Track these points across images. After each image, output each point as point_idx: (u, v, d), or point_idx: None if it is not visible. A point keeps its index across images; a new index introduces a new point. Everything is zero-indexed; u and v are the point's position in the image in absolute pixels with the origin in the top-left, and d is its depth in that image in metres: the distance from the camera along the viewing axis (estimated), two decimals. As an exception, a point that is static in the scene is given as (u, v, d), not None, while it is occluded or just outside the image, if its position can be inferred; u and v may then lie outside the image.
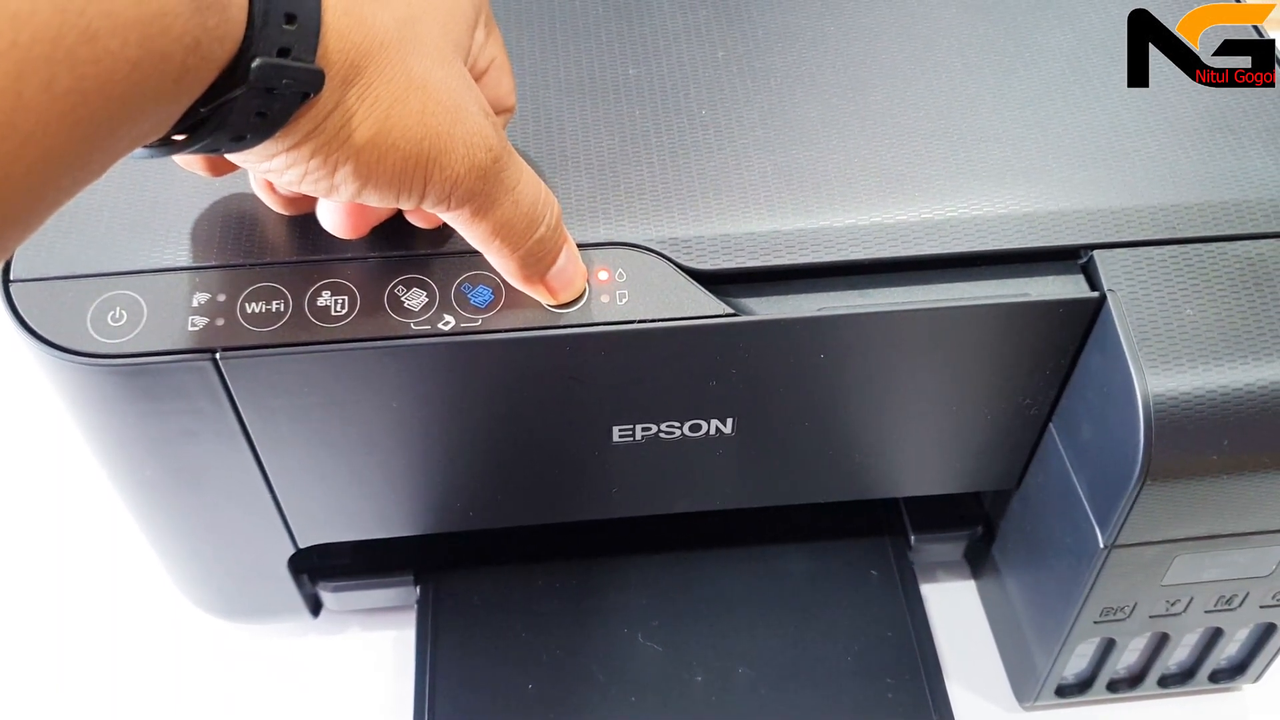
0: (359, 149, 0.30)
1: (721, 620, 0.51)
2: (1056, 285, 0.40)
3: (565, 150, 0.42)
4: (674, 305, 0.39)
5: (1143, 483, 0.39)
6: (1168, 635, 0.48)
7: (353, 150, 0.30)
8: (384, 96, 0.30)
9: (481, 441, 0.43)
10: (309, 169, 0.30)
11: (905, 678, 0.49)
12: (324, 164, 0.30)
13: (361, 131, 0.29)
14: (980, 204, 0.41)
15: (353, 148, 0.30)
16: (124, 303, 0.38)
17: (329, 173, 0.30)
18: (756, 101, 0.43)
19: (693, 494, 0.47)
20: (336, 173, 0.30)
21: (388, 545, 0.50)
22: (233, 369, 0.38)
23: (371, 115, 0.30)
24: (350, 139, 0.29)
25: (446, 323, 0.38)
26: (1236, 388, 0.38)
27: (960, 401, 0.44)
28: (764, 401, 0.42)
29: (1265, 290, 0.40)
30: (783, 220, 0.40)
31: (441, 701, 0.48)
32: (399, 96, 0.30)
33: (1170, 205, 0.41)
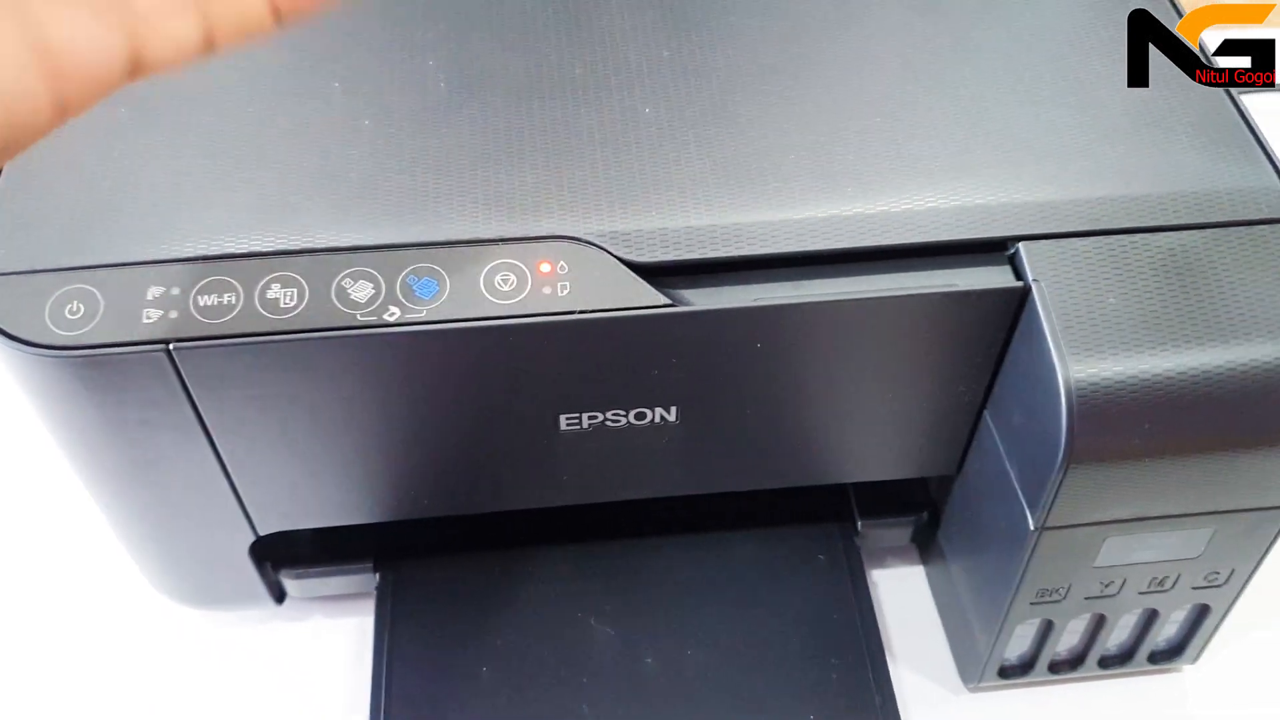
0: None
1: (672, 605, 0.52)
2: (984, 276, 0.41)
3: (511, 146, 0.43)
4: (614, 296, 0.40)
5: (1067, 466, 0.40)
6: (1105, 617, 0.49)
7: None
8: None
9: (432, 430, 0.44)
10: None
11: (849, 658, 0.50)
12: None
13: None
14: (911, 198, 0.42)
15: None
16: (81, 296, 0.39)
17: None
18: (698, 100, 0.45)
19: (641, 481, 0.48)
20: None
21: (348, 534, 0.51)
22: (186, 360, 0.39)
23: None
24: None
25: (392, 314, 0.39)
26: (1157, 374, 0.39)
27: (897, 389, 0.45)
28: (705, 390, 0.44)
29: (1186, 280, 0.41)
30: (720, 214, 0.41)
31: (398, 684, 0.49)
32: None
33: (1095, 198, 0.42)
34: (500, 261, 0.40)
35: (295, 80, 0.45)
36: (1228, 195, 0.43)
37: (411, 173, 0.42)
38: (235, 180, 0.42)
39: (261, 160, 0.42)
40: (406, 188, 0.42)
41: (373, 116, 0.44)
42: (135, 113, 0.44)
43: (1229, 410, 0.40)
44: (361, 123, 0.44)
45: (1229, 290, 0.41)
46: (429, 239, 0.40)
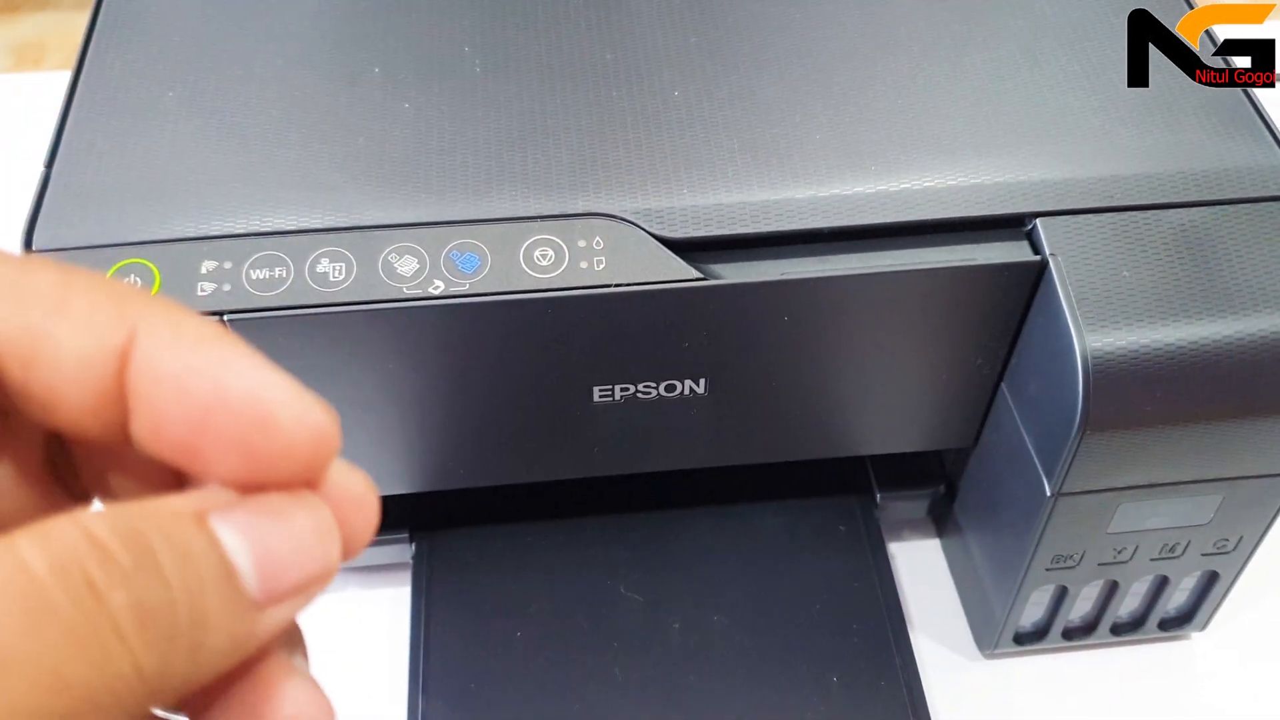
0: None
1: (698, 573, 0.54)
2: (1002, 251, 0.43)
3: (547, 128, 0.45)
4: (648, 270, 0.42)
5: (1083, 432, 0.42)
6: (1117, 583, 0.51)
7: None
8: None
9: (470, 401, 0.46)
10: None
11: (870, 624, 0.52)
12: None
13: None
14: (933, 176, 0.44)
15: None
16: (138, 270, 0.41)
17: None
18: (725, 83, 0.46)
19: (670, 453, 0.50)
20: None
21: (385, 504, 0.53)
22: (239, 330, 0.40)
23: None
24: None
25: (436, 287, 0.41)
26: (1169, 344, 0.41)
27: (917, 361, 0.47)
28: (734, 362, 0.45)
29: (1197, 254, 0.43)
30: (749, 192, 0.43)
31: (435, 649, 0.51)
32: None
33: (1109, 176, 0.44)
34: (539, 237, 0.42)
35: (336, 66, 0.47)
36: (1236, 173, 0.44)
37: (452, 153, 0.44)
38: (282, 160, 0.43)
39: (307, 141, 0.44)
40: (447, 167, 0.43)
41: (412, 100, 0.46)
42: (183, 97, 0.45)
43: (1238, 379, 0.42)
44: (402, 105, 0.45)
45: (1238, 264, 0.42)
46: (471, 216, 0.42)
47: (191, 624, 0.19)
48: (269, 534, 0.20)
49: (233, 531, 0.20)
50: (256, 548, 0.20)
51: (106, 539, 0.18)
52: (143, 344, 0.20)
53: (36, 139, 0.44)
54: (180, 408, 0.20)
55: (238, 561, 0.20)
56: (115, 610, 0.18)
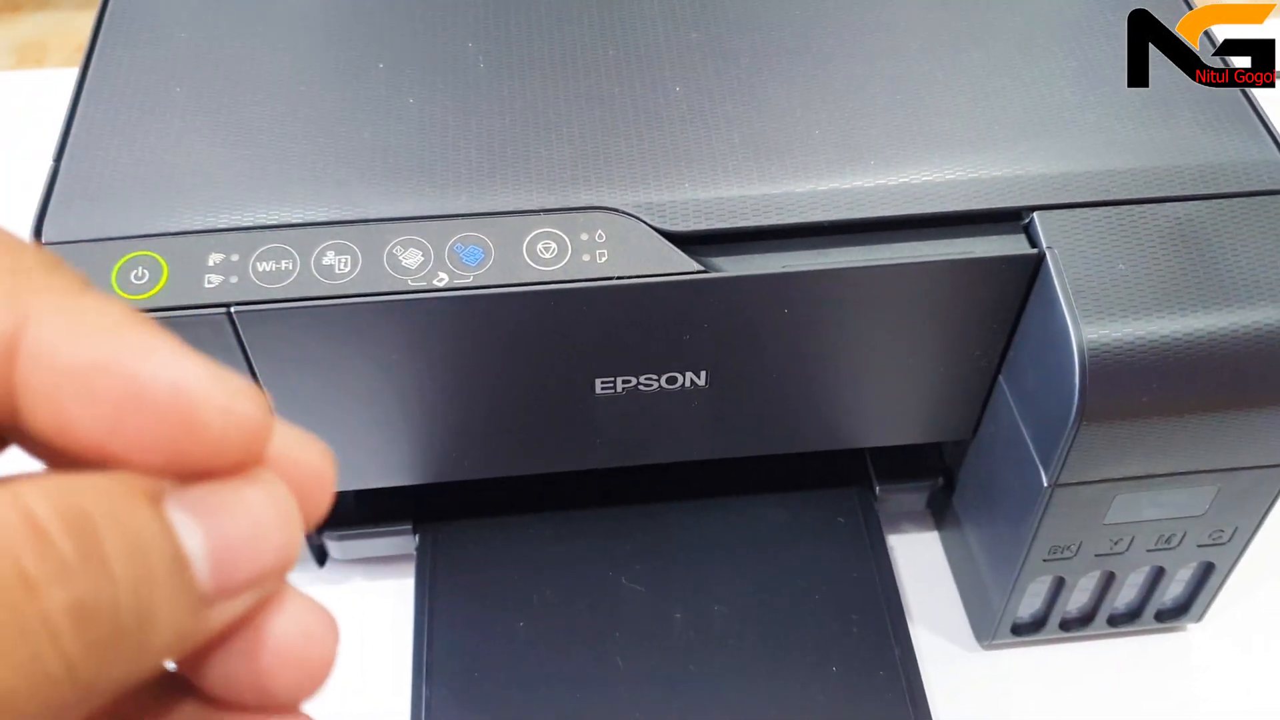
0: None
1: (699, 564, 0.54)
2: (1000, 244, 0.44)
3: (550, 123, 0.45)
4: (649, 263, 0.42)
5: (1079, 423, 0.42)
6: (1114, 574, 0.52)
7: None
8: None
9: (474, 393, 0.46)
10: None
11: (869, 615, 0.53)
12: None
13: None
14: (931, 170, 0.44)
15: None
16: (146, 263, 0.41)
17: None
18: (726, 79, 0.47)
19: (671, 445, 0.51)
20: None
21: (388, 497, 0.54)
22: (246, 322, 0.41)
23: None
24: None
25: (441, 279, 0.41)
26: (1164, 336, 0.42)
27: (917, 354, 0.47)
28: (734, 355, 0.46)
29: (1191, 248, 0.43)
30: (749, 186, 0.44)
31: (439, 638, 0.51)
32: None
33: (1106, 170, 0.44)
34: (542, 230, 0.42)
35: (341, 61, 0.47)
36: (1231, 168, 0.45)
37: (456, 147, 0.44)
38: (288, 154, 0.44)
39: (313, 136, 0.44)
40: (451, 161, 0.44)
41: (417, 94, 0.46)
42: (190, 91, 0.46)
43: (1233, 371, 0.42)
44: (406, 100, 0.46)
45: (1233, 257, 0.43)
46: (474, 209, 0.43)
47: (137, 624, 0.17)
48: (226, 521, 0.18)
49: (188, 517, 0.18)
50: (212, 536, 0.18)
51: (47, 522, 0.16)
52: (35, 334, 0.17)
53: (38, 136, 0.45)
54: (87, 407, 0.17)
55: (191, 552, 0.18)
56: (50, 609, 0.15)
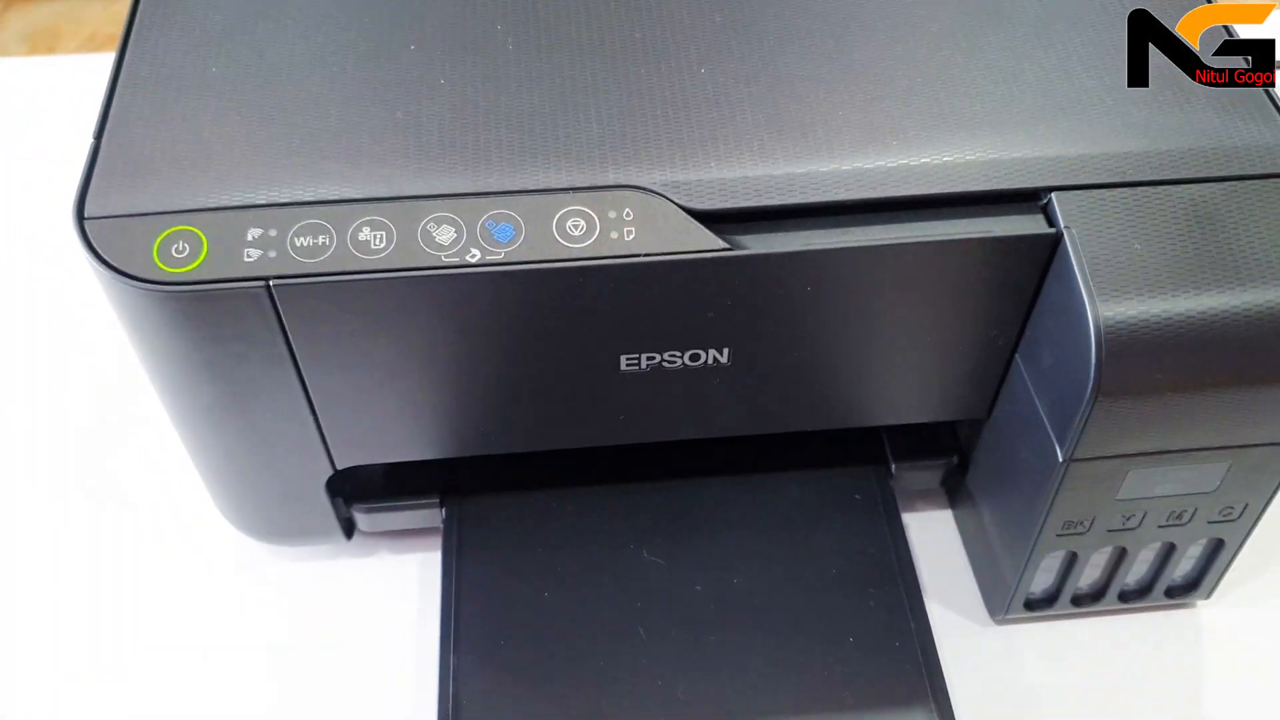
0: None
1: (718, 539, 0.55)
2: (1018, 223, 0.45)
3: (578, 104, 0.46)
4: (675, 241, 0.43)
5: (1095, 399, 0.43)
6: (1125, 550, 0.53)
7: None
8: None
9: (502, 368, 0.47)
10: None
11: (885, 588, 0.54)
12: None
13: None
14: (951, 151, 0.45)
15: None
16: (186, 237, 0.42)
17: None
18: (750, 60, 0.48)
19: (693, 422, 0.52)
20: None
21: (415, 471, 0.55)
22: (284, 296, 0.42)
23: None
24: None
25: (473, 255, 0.43)
26: (1178, 314, 0.43)
27: (935, 332, 0.48)
28: (757, 332, 0.47)
29: (1206, 228, 0.44)
30: (773, 165, 0.45)
31: (465, 608, 0.53)
32: None
33: (1123, 152, 0.45)
34: (571, 208, 0.43)
35: (373, 44, 0.48)
36: (1245, 150, 0.46)
37: (487, 127, 0.45)
38: (322, 132, 0.45)
39: (346, 115, 0.46)
40: (483, 140, 0.45)
41: (448, 76, 0.47)
42: (226, 72, 0.47)
43: (1244, 349, 0.43)
44: (438, 81, 0.47)
45: (1246, 238, 0.44)
46: (505, 187, 0.44)
47: None
48: None
49: None
50: None
51: None
52: None
53: (51, 121, 0.46)
54: None
55: None
56: None
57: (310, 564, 0.59)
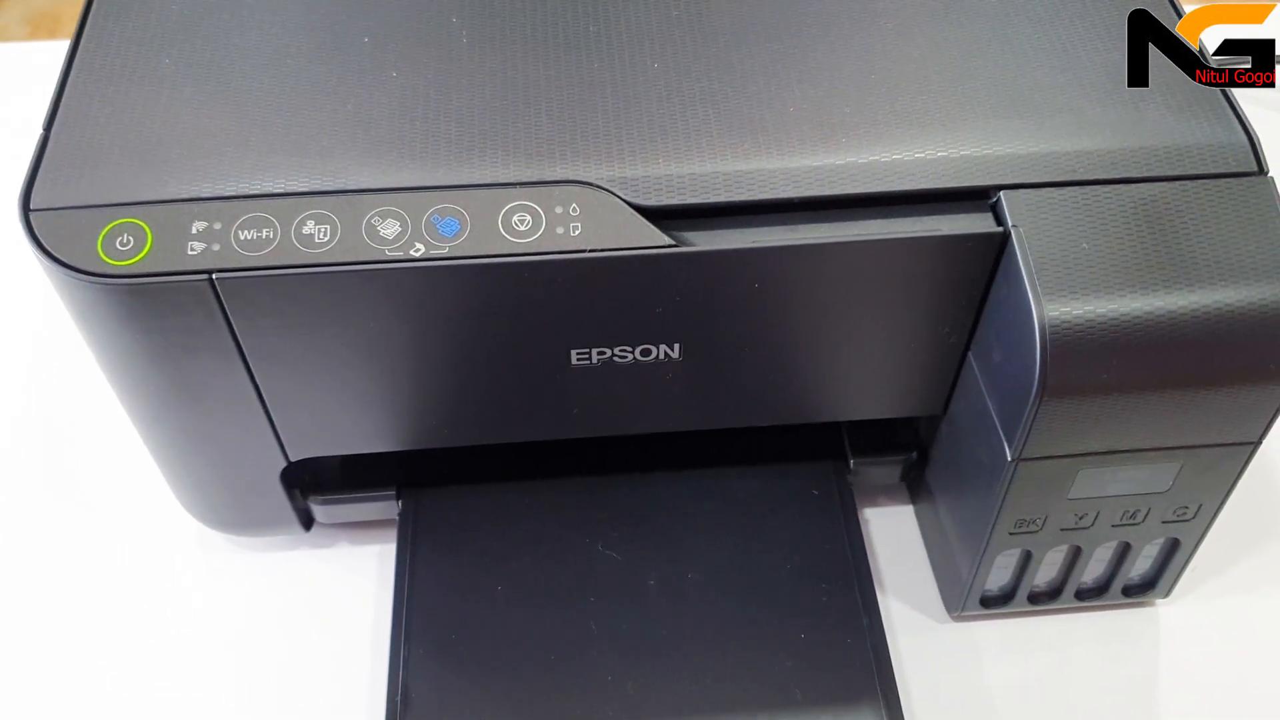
0: None
1: (673, 533, 0.56)
2: (967, 222, 0.44)
3: (529, 98, 0.46)
4: (623, 237, 0.43)
5: (1041, 398, 0.43)
6: (1080, 549, 0.52)
7: None
8: None
9: (452, 362, 0.47)
10: None
11: (839, 584, 0.54)
12: None
13: None
14: (902, 149, 0.45)
15: None
16: (131, 230, 0.42)
17: None
18: (704, 56, 0.48)
19: (647, 416, 0.52)
20: None
21: (372, 464, 0.55)
22: (227, 289, 0.42)
23: None
24: None
25: (418, 249, 0.42)
26: (1126, 315, 0.42)
27: (886, 329, 0.48)
28: (707, 328, 0.47)
29: (1156, 228, 0.44)
30: (722, 162, 0.44)
31: (418, 600, 0.53)
32: None
33: (1073, 151, 0.45)
34: (517, 203, 0.43)
35: (326, 35, 0.48)
36: (1198, 150, 0.45)
37: (436, 120, 0.45)
38: (272, 125, 0.45)
39: (296, 107, 0.45)
40: (431, 134, 0.45)
41: (399, 68, 0.47)
42: (179, 63, 0.47)
43: (1193, 350, 0.43)
44: (389, 74, 0.47)
45: (1196, 238, 0.44)
46: (452, 182, 0.44)
47: None
48: None
49: None
50: None
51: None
52: None
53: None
54: None
55: None
56: None
57: (269, 554, 0.59)
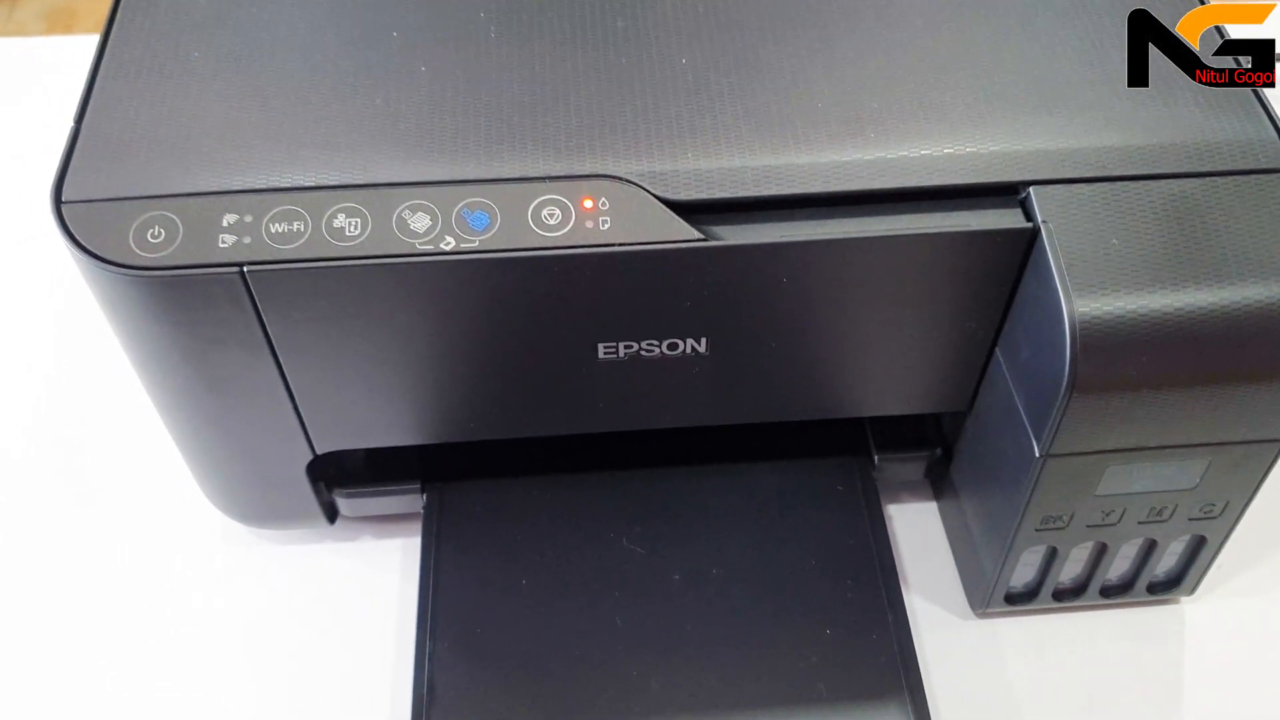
0: None
1: (698, 528, 0.56)
2: (996, 217, 0.44)
3: (558, 92, 0.46)
4: (652, 231, 0.43)
5: (1070, 395, 0.43)
6: (1106, 545, 0.52)
7: None
8: None
9: (479, 355, 0.47)
10: None
11: (864, 580, 0.54)
12: None
13: None
14: (930, 144, 0.45)
15: None
16: (162, 222, 0.43)
17: None
18: (731, 51, 0.48)
19: (672, 411, 0.52)
20: None
21: (397, 457, 0.55)
22: (258, 281, 0.42)
23: None
24: None
25: (448, 243, 0.43)
26: (1155, 310, 0.42)
27: (913, 325, 0.48)
28: (734, 322, 0.47)
29: (1184, 224, 0.44)
30: (751, 157, 0.44)
31: (443, 593, 0.53)
32: None
33: (1102, 147, 0.45)
34: (547, 197, 0.43)
35: (355, 29, 0.48)
36: (1227, 146, 0.45)
37: (465, 114, 0.45)
38: (301, 119, 0.45)
39: (326, 102, 0.46)
40: (461, 128, 0.45)
41: (428, 63, 0.47)
42: (208, 57, 0.47)
43: (1221, 346, 0.43)
44: (418, 68, 0.47)
45: (1225, 234, 0.44)
46: (482, 176, 0.44)
47: None
48: None
49: None
50: None
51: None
52: None
53: (68, 100, 0.46)
54: None
55: None
56: None
57: (294, 547, 0.59)
